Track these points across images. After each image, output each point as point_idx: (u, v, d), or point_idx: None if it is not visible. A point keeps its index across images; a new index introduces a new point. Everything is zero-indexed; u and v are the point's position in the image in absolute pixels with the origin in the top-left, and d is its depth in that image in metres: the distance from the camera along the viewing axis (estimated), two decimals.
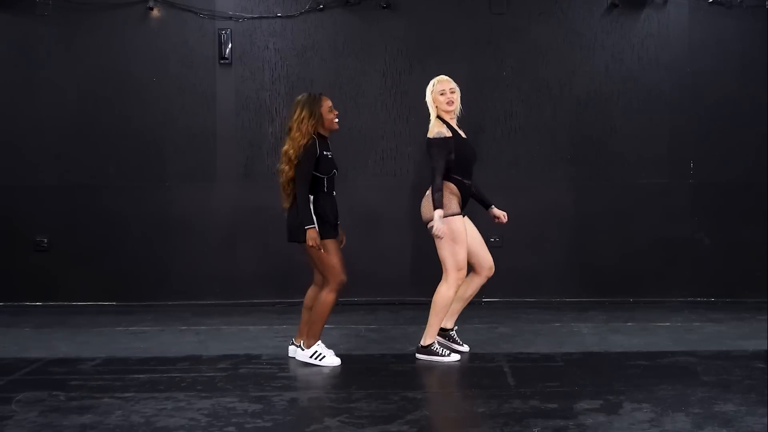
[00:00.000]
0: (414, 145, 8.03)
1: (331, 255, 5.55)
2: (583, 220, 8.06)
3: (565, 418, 4.43)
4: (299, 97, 5.73)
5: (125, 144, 8.06)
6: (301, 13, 8.03)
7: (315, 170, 5.55)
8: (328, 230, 5.57)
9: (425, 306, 7.81)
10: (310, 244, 5.44)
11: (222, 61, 8.02)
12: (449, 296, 5.69)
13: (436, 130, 5.74)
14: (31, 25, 8.03)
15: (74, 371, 5.53)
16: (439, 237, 5.60)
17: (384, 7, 7.94)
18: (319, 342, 5.69)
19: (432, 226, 5.62)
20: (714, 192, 8.05)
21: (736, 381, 5.13)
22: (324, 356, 5.64)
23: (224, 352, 6.08)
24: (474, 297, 6.01)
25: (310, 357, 5.65)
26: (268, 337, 6.54)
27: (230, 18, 8.02)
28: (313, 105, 5.61)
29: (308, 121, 5.56)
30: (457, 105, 5.83)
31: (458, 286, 5.70)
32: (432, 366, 5.66)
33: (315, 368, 5.58)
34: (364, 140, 8.03)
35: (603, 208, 8.06)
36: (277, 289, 7.89)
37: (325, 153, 5.60)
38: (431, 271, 7.85)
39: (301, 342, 5.74)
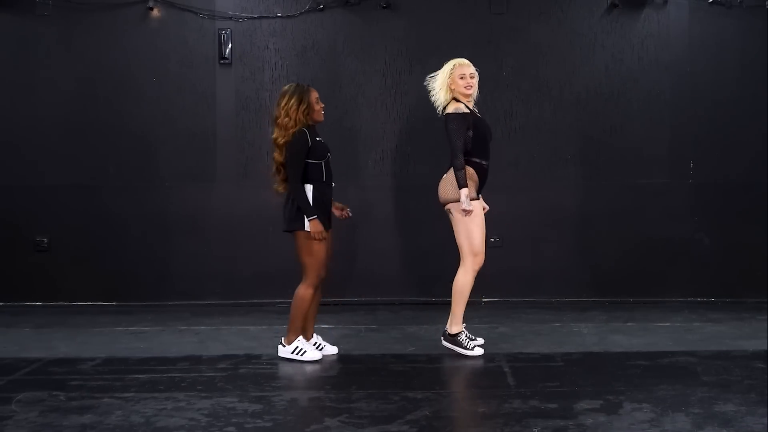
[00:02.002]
0: (414, 145, 8.03)
1: (320, 248, 5.59)
2: (583, 220, 8.06)
3: (565, 418, 4.44)
4: (286, 87, 5.78)
5: (125, 144, 8.06)
6: (301, 13, 8.03)
7: (311, 158, 5.60)
8: (324, 222, 5.62)
9: (425, 306, 7.88)
10: (316, 237, 5.49)
11: (222, 61, 8.02)
12: (467, 282, 5.73)
13: (453, 107, 5.74)
14: (31, 25, 8.02)
15: (74, 371, 5.53)
16: (467, 213, 5.59)
17: (384, 7, 7.93)
18: (300, 337, 5.74)
19: (449, 209, 5.72)
20: (714, 192, 8.05)
21: (736, 381, 5.14)
22: (305, 351, 5.70)
23: (224, 352, 6.08)
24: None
25: (292, 353, 5.71)
26: (268, 337, 6.53)
27: (230, 18, 8.02)
28: (302, 93, 5.66)
29: (298, 108, 5.61)
30: (475, 90, 5.87)
31: (476, 271, 5.73)
32: (432, 366, 5.67)
33: (315, 368, 5.58)
34: (364, 140, 8.02)
35: (603, 208, 8.06)
36: (277, 289, 7.87)
37: (317, 139, 5.67)
38: (431, 271, 7.89)
39: (282, 339, 5.81)
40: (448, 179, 5.74)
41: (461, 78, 5.80)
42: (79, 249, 8.08)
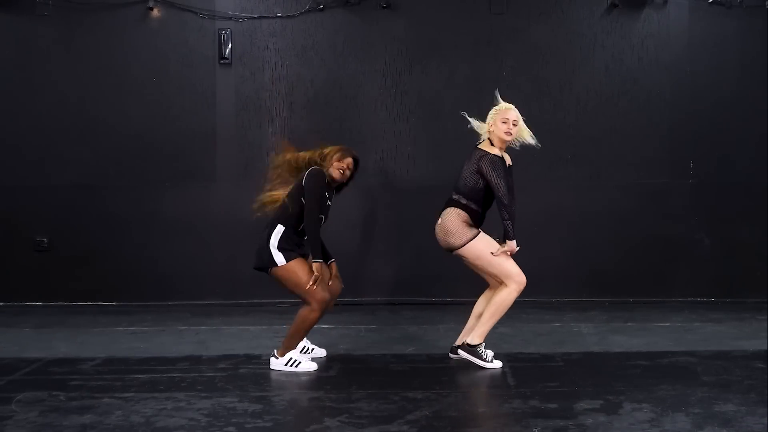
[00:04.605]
0: (414, 145, 8.03)
1: (303, 272, 5.43)
2: (583, 220, 8.06)
3: (565, 418, 4.43)
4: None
5: (125, 144, 8.06)
6: (301, 13, 8.03)
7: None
8: (293, 253, 5.47)
9: (425, 306, 7.88)
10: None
11: (222, 61, 8.02)
12: (510, 300, 5.54)
13: (494, 150, 5.56)
14: (31, 25, 8.03)
15: (74, 371, 5.53)
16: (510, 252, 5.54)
17: (384, 7, 7.94)
18: (294, 350, 5.60)
19: (458, 254, 5.56)
20: (714, 192, 8.05)
21: (736, 381, 5.14)
22: (300, 362, 5.53)
23: (224, 352, 6.08)
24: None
25: (285, 365, 5.52)
26: (268, 337, 6.54)
27: (230, 18, 8.02)
28: (342, 153, 5.62)
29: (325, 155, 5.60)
30: (514, 138, 5.65)
31: (519, 291, 5.57)
32: (432, 366, 5.66)
33: (315, 368, 5.56)
34: (364, 140, 8.02)
35: (603, 208, 8.06)
36: (277, 289, 7.79)
37: (326, 194, 5.57)
38: (431, 271, 7.89)
39: (275, 350, 5.64)
40: (440, 227, 5.57)
41: (503, 122, 5.57)
42: (79, 249, 8.08)
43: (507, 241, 5.53)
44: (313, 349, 5.90)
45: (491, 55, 8.02)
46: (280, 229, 5.48)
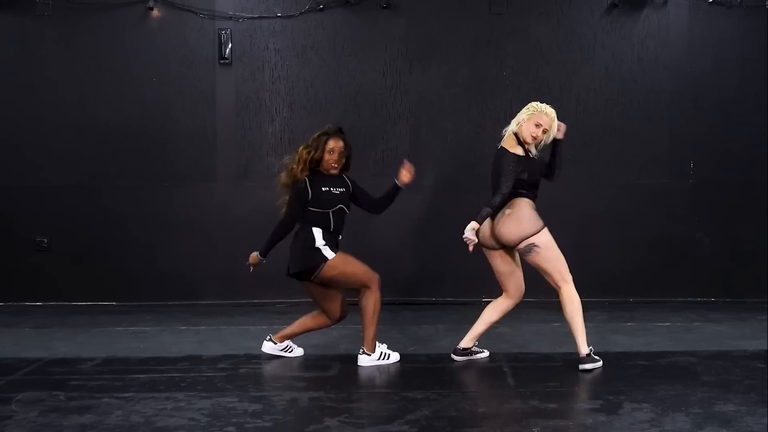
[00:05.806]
0: (414, 145, 8.02)
1: (346, 260, 5.62)
2: (583, 220, 8.05)
3: (565, 418, 4.44)
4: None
5: (125, 144, 8.06)
6: (301, 13, 8.03)
7: (313, 206, 5.56)
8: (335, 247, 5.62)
9: (425, 306, 7.87)
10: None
11: (222, 61, 8.02)
12: (577, 296, 5.58)
13: (517, 149, 5.53)
14: (31, 25, 8.03)
15: (74, 371, 5.53)
16: (469, 242, 5.39)
17: (384, 7, 7.94)
18: (383, 344, 5.77)
19: (529, 245, 5.54)
20: (714, 192, 8.05)
21: (736, 381, 5.14)
22: (389, 354, 5.72)
23: (224, 352, 6.08)
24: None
25: (378, 359, 5.68)
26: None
27: (230, 18, 8.02)
28: (317, 142, 5.64)
29: (305, 152, 5.59)
30: (540, 142, 5.62)
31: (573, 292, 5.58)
32: (432, 366, 5.67)
33: (315, 368, 5.57)
34: (364, 140, 8.00)
35: (603, 208, 8.06)
36: (277, 289, 7.87)
37: (324, 189, 5.59)
38: (431, 271, 7.89)
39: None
40: (511, 218, 5.51)
41: (536, 126, 5.54)
42: (79, 249, 8.08)
43: (472, 221, 5.39)
44: (293, 349, 5.94)
45: (491, 55, 8.02)
46: (318, 231, 5.56)
